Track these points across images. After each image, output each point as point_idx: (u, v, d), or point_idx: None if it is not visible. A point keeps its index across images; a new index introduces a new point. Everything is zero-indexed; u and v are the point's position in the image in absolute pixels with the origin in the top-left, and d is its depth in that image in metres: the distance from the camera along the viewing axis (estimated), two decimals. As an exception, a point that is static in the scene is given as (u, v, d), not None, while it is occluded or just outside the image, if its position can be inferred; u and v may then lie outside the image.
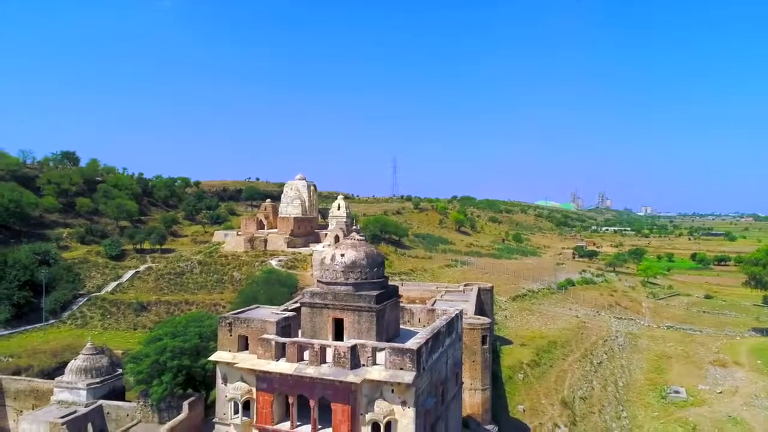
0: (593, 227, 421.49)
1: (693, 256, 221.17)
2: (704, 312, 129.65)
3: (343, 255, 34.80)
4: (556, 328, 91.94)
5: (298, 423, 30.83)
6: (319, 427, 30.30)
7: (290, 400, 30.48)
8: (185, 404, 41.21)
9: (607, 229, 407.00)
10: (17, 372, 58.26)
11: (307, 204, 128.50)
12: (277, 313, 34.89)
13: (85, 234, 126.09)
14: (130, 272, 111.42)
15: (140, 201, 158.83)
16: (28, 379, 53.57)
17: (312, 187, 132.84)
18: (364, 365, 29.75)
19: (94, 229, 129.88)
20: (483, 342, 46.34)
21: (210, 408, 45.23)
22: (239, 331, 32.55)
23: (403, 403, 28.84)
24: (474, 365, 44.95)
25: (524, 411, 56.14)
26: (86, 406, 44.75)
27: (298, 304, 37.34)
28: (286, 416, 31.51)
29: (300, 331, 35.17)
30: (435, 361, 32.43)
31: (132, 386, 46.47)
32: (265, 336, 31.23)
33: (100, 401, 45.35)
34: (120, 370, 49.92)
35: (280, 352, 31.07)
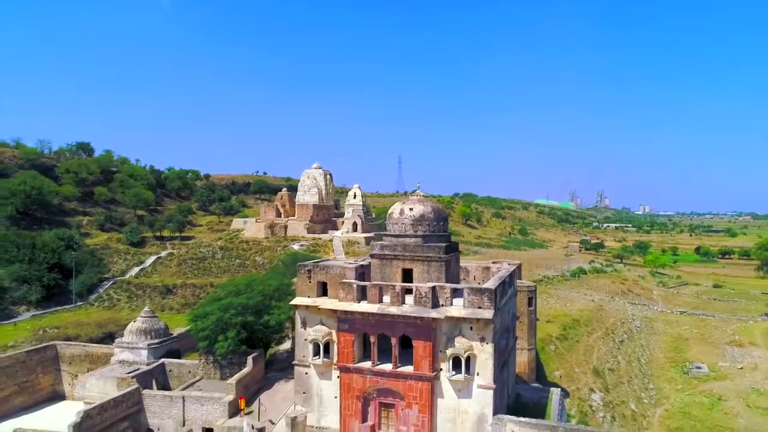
0: (594, 224, 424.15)
1: (697, 250, 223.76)
2: (715, 299, 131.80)
3: (411, 209, 36.54)
4: (576, 309, 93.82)
5: (377, 362, 32.55)
6: (399, 364, 32.03)
7: (372, 339, 32.20)
8: (249, 359, 42.85)
9: (608, 226, 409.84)
10: (67, 340, 59.63)
11: (323, 192, 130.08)
12: (350, 263, 36.57)
13: (105, 222, 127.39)
14: (152, 258, 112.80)
15: (154, 191, 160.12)
16: (83, 344, 55.11)
17: (328, 176, 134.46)
18: (443, 305, 31.50)
19: (113, 217, 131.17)
20: (529, 304, 48.18)
21: (269, 365, 46.93)
22: (318, 277, 34.23)
23: (482, 340, 30.58)
24: (521, 325, 46.69)
25: (560, 377, 58.02)
26: (147, 364, 46.32)
27: (366, 260, 39.01)
28: (364, 356, 33.23)
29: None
30: (503, 305, 34.20)
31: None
32: (347, 280, 32.92)
33: (162, 359, 46.96)
34: (175, 334, 51.55)
35: (361, 295, 32.77)
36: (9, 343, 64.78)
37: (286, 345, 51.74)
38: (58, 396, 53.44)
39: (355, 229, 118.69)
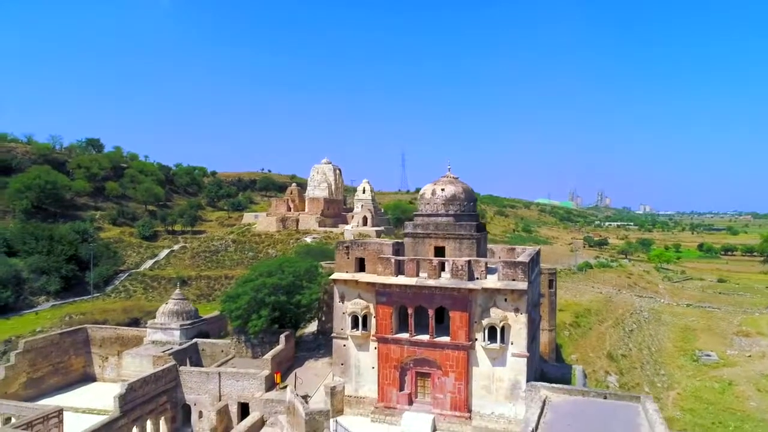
0: (596, 222, 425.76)
1: (700, 246, 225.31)
2: (720, 293, 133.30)
3: (443, 189, 38.04)
4: (586, 300, 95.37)
5: (414, 333, 34.05)
6: (435, 335, 33.54)
7: (409, 311, 33.69)
8: (282, 337, 44.32)
9: (610, 224, 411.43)
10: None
11: (333, 187, 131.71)
12: (384, 242, 38.07)
13: (117, 216, 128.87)
14: (166, 251, 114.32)
15: (163, 187, 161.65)
16: (113, 327, 56.51)
17: (338, 171, 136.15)
18: (478, 278, 33.00)
19: (125, 212, 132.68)
20: (550, 286, 49.72)
21: (296, 346, 48.33)
22: (356, 253, 35.71)
23: (516, 310, 32.08)
24: (542, 306, 48.12)
25: (576, 360, 59.53)
26: (180, 344, 47.78)
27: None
28: (400, 328, 34.72)
29: (402, 260, 38.34)
30: (533, 279, 35.71)
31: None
32: (385, 255, 34.42)
33: (195, 339, 48.43)
34: (204, 317, 53.03)
35: (398, 269, 34.25)
36: (37, 329, 66.30)
37: (312, 328, 53.19)
38: (88, 377, 54.86)
39: (365, 223, 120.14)
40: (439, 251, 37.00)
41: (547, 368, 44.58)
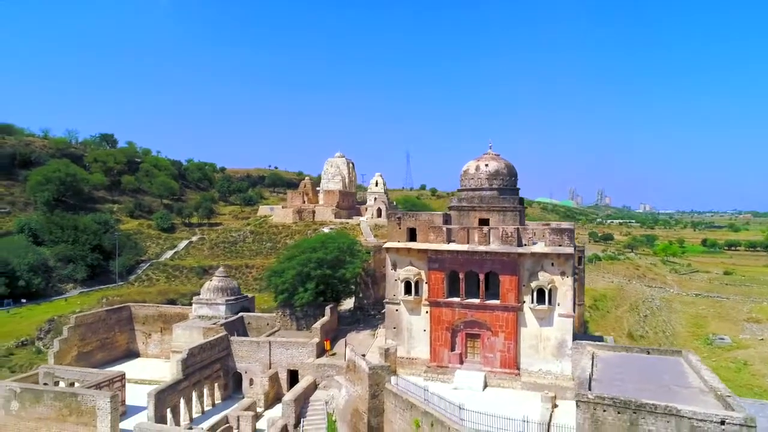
0: (597, 220, 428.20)
1: (704, 242, 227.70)
2: (727, 284, 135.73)
3: (487, 165, 40.23)
4: (600, 287, 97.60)
5: (465, 297, 36.24)
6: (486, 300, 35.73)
7: (460, 276, 35.88)
8: (327, 308, 46.53)
9: (612, 222, 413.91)
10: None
11: (347, 180, 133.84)
12: (433, 213, 40.23)
13: (134, 209, 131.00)
14: (185, 242, 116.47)
15: (177, 182, 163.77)
16: (155, 305, 58.61)
17: (351, 165, 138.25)
18: (526, 244, 35.22)
19: (142, 205, 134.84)
20: (578, 262, 51.94)
21: (337, 318, 50.42)
22: (408, 224, 37.88)
23: (562, 273, 34.30)
24: (572, 282, 50.47)
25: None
26: (225, 318, 49.88)
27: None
28: (450, 293, 36.90)
29: (448, 232, 40.48)
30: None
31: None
32: (436, 225, 36.61)
33: (241, 313, 50.57)
34: (247, 295, 55.22)
35: (449, 237, 36.45)
36: (77, 310, 68.34)
37: (348, 305, 55.36)
38: (132, 353, 57.02)
39: (379, 215, 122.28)
40: (483, 223, 39.13)
41: (579, 338, 46.70)
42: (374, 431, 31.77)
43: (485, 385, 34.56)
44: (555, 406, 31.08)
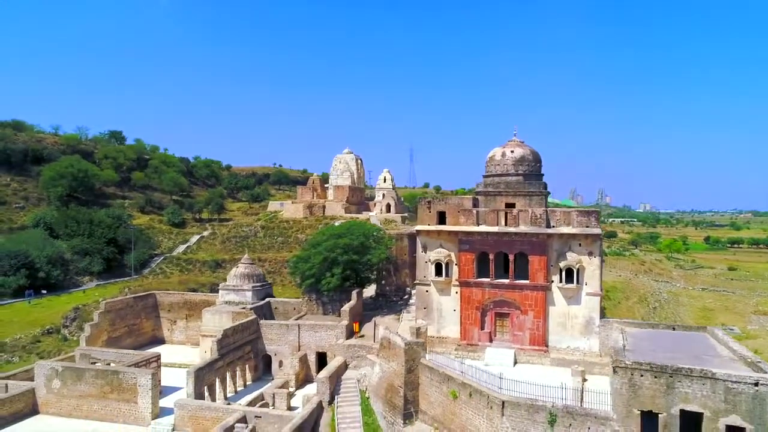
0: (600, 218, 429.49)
1: (706, 239, 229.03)
2: (732, 279, 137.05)
3: (512, 151, 41.47)
4: (608, 281, 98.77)
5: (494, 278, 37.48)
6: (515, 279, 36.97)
7: (490, 257, 37.12)
8: (354, 293, 47.68)
9: (614, 221, 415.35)
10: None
11: (355, 176, 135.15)
12: (462, 197, 41.50)
13: (144, 204, 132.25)
14: (196, 237, 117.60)
15: (186, 178, 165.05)
16: (180, 292, 59.81)
17: (359, 161, 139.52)
18: (554, 226, 36.46)
19: (152, 200, 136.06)
20: (596, 250, 53.31)
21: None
22: (437, 207, 39.13)
23: (590, 254, 35.57)
24: (590, 269, 51.79)
25: (614, 326, 63.11)
26: (252, 304, 51.07)
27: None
28: (480, 273, 38.13)
29: (474, 216, 41.72)
30: (599, 231, 39.16)
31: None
32: (466, 207, 37.85)
33: (268, 298, 51.78)
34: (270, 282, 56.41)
35: (478, 220, 37.68)
36: (100, 299, 69.49)
37: (370, 292, 56.54)
38: (157, 340, 58.23)
39: (389, 210, 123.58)
40: (509, 207, 40.32)
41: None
42: (410, 404, 32.95)
43: (515, 362, 35.79)
44: (584, 380, 32.31)
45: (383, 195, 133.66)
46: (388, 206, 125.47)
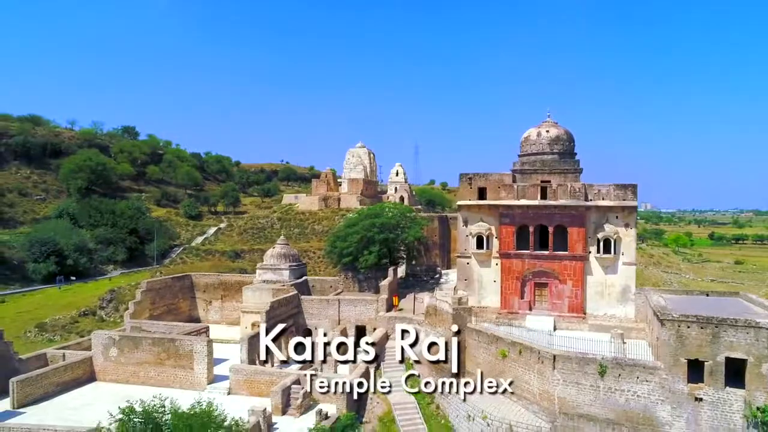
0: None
1: (711, 235, 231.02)
2: (740, 272, 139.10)
3: (548, 131, 43.42)
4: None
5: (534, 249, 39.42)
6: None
7: (530, 229, 39.07)
8: (390, 270, 49.58)
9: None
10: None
11: (368, 169, 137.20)
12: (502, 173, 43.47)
13: (160, 198, 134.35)
14: (213, 228, 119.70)
15: (199, 172, 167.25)
16: (216, 273, 61.74)
17: (371, 155, 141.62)
18: (591, 200, 38.40)
19: (167, 194, 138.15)
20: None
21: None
22: (478, 183, 41.09)
23: (626, 225, 37.52)
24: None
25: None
26: (289, 282, 52.95)
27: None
28: (519, 245, 40.07)
29: (510, 193, 43.62)
30: (632, 206, 41.10)
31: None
32: (507, 183, 39.80)
33: (305, 277, 53.71)
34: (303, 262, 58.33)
35: (518, 194, 39.63)
36: (131, 283, 71.49)
37: (401, 273, 58.46)
38: (193, 320, 59.96)
39: (403, 202, 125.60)
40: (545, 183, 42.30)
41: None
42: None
43: (555, 328, 37.68)
44: (624, 342, 34.21)
45: (396, 188, 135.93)
46: (402, 199, 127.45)
